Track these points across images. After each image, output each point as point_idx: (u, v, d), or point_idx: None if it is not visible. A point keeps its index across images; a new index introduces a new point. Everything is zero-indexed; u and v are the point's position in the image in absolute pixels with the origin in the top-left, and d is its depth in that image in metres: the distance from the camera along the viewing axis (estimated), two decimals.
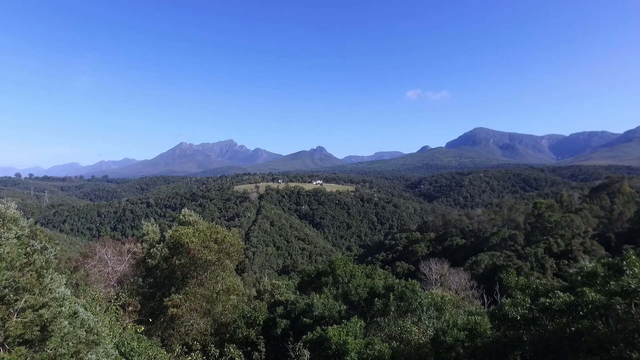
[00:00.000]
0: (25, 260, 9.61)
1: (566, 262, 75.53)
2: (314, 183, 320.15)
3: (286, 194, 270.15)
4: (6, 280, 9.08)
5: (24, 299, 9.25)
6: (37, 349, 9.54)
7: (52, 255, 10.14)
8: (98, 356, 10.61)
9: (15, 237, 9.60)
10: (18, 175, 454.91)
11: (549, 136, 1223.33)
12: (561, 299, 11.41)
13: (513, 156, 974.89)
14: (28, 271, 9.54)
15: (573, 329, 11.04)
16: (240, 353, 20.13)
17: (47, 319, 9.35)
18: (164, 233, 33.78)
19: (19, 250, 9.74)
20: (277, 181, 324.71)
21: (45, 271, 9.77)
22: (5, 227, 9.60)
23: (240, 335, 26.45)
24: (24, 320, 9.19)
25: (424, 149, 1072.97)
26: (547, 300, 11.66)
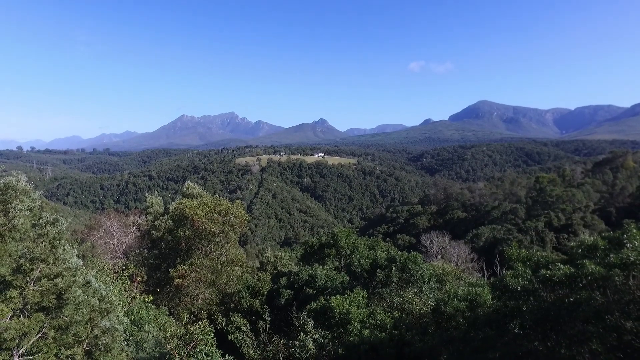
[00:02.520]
0: (38, 231, 9.86)
1: (566, 236, 76.29)
2: (316, 156, 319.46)
3: (288, 166, 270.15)
4: (21, 250, 9.36)
5: (39, 269, 9.55)
6: (54, 315, 9.94)
7: (64, 226, 10.39)
8: (112, 323, 11.03)
9: (28, 209, 9.83)
10: (20, 148, 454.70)
11: (554, 110, 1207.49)
12: (561, 271, 11.65)
13: (517, 130, 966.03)
14: (42, 242, 9.81)
15: (572, 299, 11.33)
16: (246, 322, 20.67)
17: (62, 287, 9.69)
18: (168, 205, 34.21)
19: (32, 221, 9.97)
20: (279, 154, 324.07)
21: (58, 242, 10.04)
22: (18, 200, 9.79)
23: (244, 305, 27.10)
24: (41, 288, 9.53)
25: (427, 122, 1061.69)
26: (548, 272, 11.92)
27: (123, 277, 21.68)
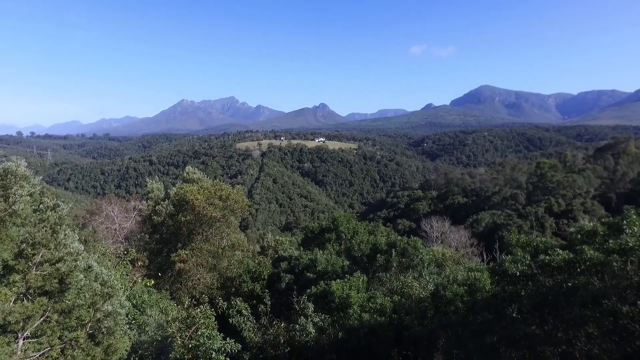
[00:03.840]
0: (39, 216, 9.91)
1: (566, 221, 76.52)
2: (317, 140, 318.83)
3: (288, 151, 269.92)
4: (23, 235, 9.42)
5: (40, 254, 9.63)
6: (56, 299, 10.07)
7: (64, 212, 10.43)
8: (114, 307, 11.16)
9: (28, 195, 9.85)
10: (19, 133, 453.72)
11: (556, 95, 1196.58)
12: (560, 256, 11.69)
13: (519, 115, 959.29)
14: (43, 227, 9.86)
15: (570, 284, 11.41)
16: (247, 306, 20.89)
17: (64, 272, 9.79)
18: (168, 190, 34.25)
19: (32, 207, 10.01)
20: (280, 138, 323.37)
21: (59, 227, 10.10)
22: (18, 185, 9.81)
23: (245, 289, 27.33)
24: (43, 273, 9.62)
25: (428, 107, 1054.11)
26: (547, 257, 11.97)
27: (125, 262, 21.86)
